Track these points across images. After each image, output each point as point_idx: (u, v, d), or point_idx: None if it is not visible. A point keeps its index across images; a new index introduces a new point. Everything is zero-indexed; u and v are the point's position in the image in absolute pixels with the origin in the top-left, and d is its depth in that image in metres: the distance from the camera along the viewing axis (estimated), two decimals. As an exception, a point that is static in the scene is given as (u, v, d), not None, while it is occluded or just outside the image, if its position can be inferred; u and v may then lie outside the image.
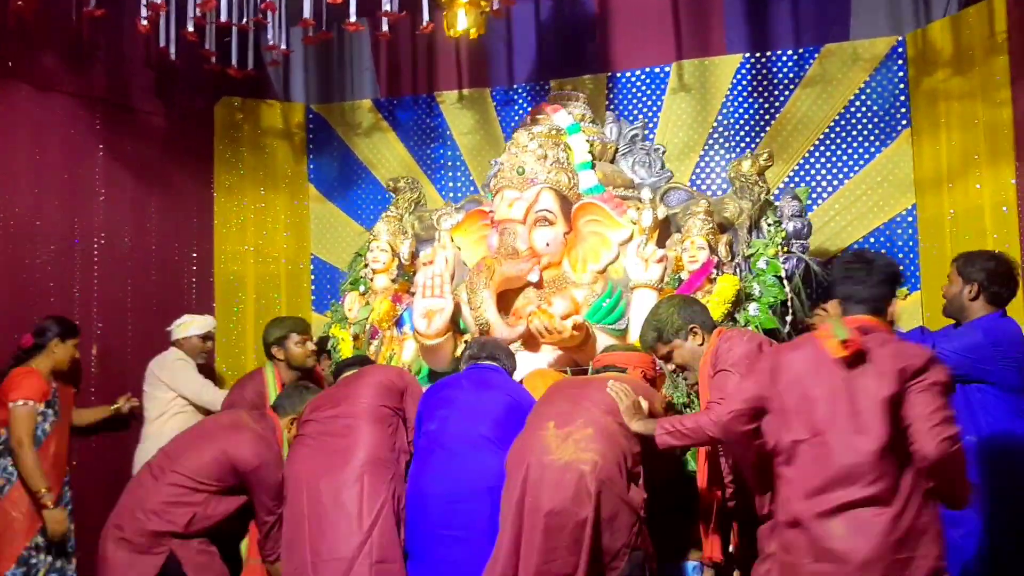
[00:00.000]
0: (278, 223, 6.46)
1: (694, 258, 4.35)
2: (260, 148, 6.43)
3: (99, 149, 5.35)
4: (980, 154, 4.97)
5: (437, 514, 3.37)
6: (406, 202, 5.40)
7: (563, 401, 3.39)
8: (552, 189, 4.54)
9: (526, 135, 4.65)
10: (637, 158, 5.10)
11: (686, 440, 3.00)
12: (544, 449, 3.15)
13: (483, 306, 4.24)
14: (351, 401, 3.69)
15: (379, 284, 5.05)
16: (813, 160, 5.59)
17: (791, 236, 4.42)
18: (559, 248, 4.54)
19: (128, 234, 5.51)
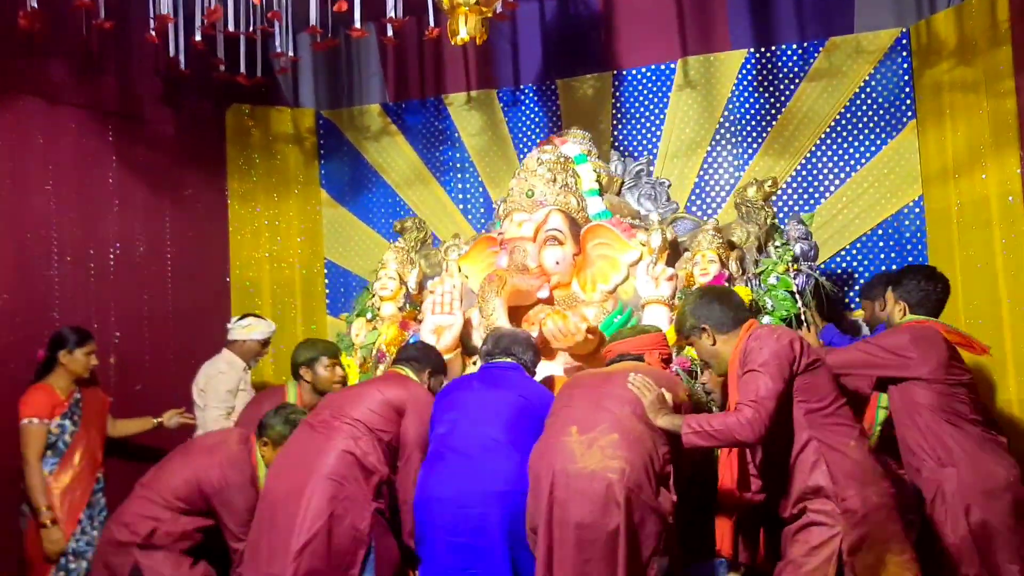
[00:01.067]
0: (291, 229, 6.54)
1: (705, 271, 4.35)
2: (271, 154, 6.51)
3: (112, 160, 5.42)
4: (985, 144, 4.97)
5: (446, 520, 3.30)
6: (412, 241, 5.46)
7: (584, 402, 3.28)
8: (561, 211, 4.58)
9: (535, 160, 4.71)
10: (643, 191, 5.15)
11: (713, 441, 2.93)
12: (569, 457, 3.07)
13: (495, 314, 4.23)
14: (346, 408, 3.60)
15: (386, 311, 5.08)
16: (819, 154, 5.60)
17: (799, 257, 4.45)
18: (568, 268, 4.55)
19: (143, 243, 5.58)
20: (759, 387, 2.88)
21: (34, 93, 5.00)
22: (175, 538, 3.68)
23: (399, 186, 6.49)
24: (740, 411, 2.86)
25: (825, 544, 2.78)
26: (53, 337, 4.40)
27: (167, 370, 5.46)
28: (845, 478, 2.81)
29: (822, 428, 2.90)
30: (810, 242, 4.53)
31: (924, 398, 3.34)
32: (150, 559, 3.62)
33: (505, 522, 3.22)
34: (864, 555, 2.76)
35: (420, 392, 3.71)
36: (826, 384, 2.99)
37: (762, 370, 2.90)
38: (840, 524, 2.77)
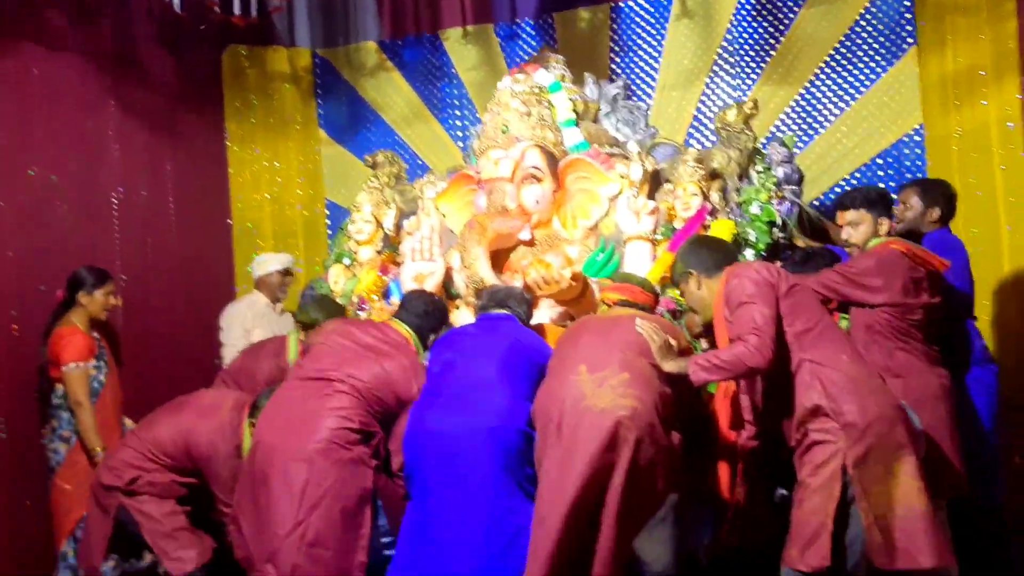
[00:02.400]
0: (291, 169, 6.56)
1: (687, 205, 4.26)
2: (268, 95, 6.49)
3: (110, 105, 5.40)
4: (986, 70, 4.93)
5: (438, 454, 3.23)
6: (386, 176, 5.30)
7: (593, 343, 3.26)
8: (538, 146, 4.46)
9: (508, 94, 4.55)
10: (620, 117, 5.00)
11: (723, 373, 2.92)
12: (579, 395, 3.05)
13: (476, 263, 4.18)
14: (345, 367, 3.47)
15: (364, 256, 4.96)
16: (819, 83, 5.57)
17: (781, 182, 4.37)
18: (548, 206, 4.47)
19: (145, 187, 5.58)
20: (754, 317, 2.90)
21: (32, 40, 4.96)
22: (158, 488, 3.69)
23: (397, 124, 6.47)
24: (745, 340, 2.88)
25: (828, 461, 2.80)
26: (71, 277, 4.39)
27: (174, 312, 5.52)
28: (841, 393, 2.83)
29: (812, 348, 2.92)
30: (793, 165, 4.46)
31: (882, 320, 3.43)
32: (135, 501, 3.66)
33: (498, 456, 3.18)
34: (871, 467, 2.77)
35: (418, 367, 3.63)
36: (811, 305, 3.03)
37: (751, 300, 2.93)
38: (841, 440, 2.79)
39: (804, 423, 2.89)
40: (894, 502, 2.76)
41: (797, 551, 2.80)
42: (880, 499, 2.76)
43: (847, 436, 2.79)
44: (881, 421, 2.81)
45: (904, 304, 3.41)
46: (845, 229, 3.63)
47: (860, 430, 2.79)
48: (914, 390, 3.27)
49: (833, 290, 3.49)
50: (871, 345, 3.40)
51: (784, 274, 3.06)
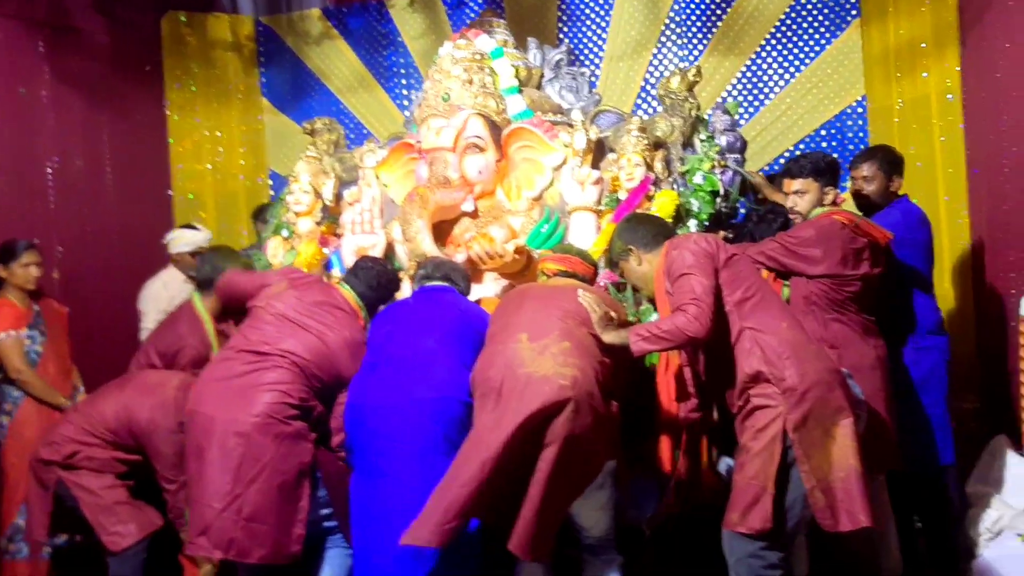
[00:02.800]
0: (234, 139, 6.44)
1: (631, 176, 4.19)
2: (210, 63, 6.36)
3: (45, 72, 5.26)
4: (927, 42, 5.00)
5: (379, 426, 3.21)
6: (325, 144, 5.14)
7: (534, 311, 3.24)
8: (480, 115, 4.35)
9: (449, 60, 4.44)
10: (564, 83, 4.88)
11: (663, 343, 2.94)
12: (519, 362, 3.02)
13: (419, 236, 4.12)
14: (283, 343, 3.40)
15: (303, 228, 4.80)
16: (764, 54, 5.60)
17: (724, 150, 4.33)
18: (491, 176, 4.38)
19: (81, 157, 5.47)
20: (693, 287, 2.93)
21: (-41, 3, 4.81)
22: (97, 463, 3.62)
23: (342, 93, 6.37)
24: (684, 310, 2.90)
25: (769, 425, 2.84)
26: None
27: (113, 283, 5.41)
28: (780, 359, 2.86)
29: (752, 316, 2.95)
30: (736, 133, 4.41)
31: (819, 291, 3.48)
32: (72, 475, 3.59)
33: (440, 427, 3.17)
34: (811, 431, 2.81)
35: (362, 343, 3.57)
36: (750, 274, 3.07)
37: (690, 271, 2.95)
38: (782, 404, 2.82)
39: (746, 389, 2.92)
40: (833, 464, 2.81)
41: (738, 514, 2.84)
42: (821, 462, 2.81)
43: (787, 400, 2.82)
44: (819, 385, 2.84)
45: (842, 275, 3.45)
46: (791, 197, 3.67)
47: (799, 394, 2.82)
48: (847, 361, 3.31)
49: (773, 259, 3.53)
50: (807, 316, 3.45)
51: (723, 245, 3.08)
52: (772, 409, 2.84)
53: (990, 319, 4.53)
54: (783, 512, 2.84)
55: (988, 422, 4.28)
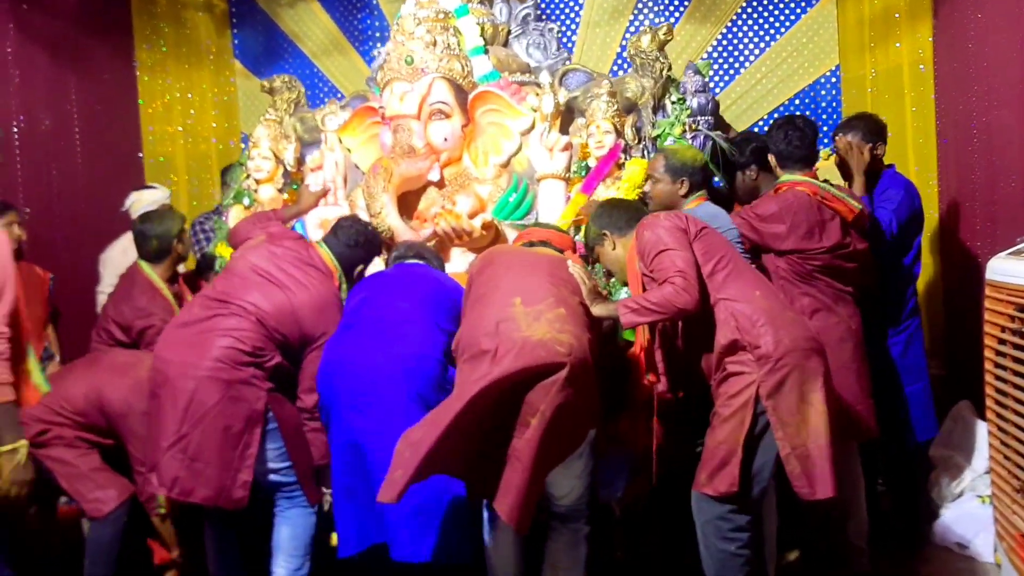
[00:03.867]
0: (205, 102, 6.35)
1: (600, 143, 4.15)
2: (181, 23, 6.24)
3: (9, 28, 5.12)
4: (901, 12, 5.03)
5: (356, 383, 3.19)
6: (285, 103, 4.96)
7: (524, 274, 3.17)
8: (445, 79, 4.25)
9: (412, 21, 4.31)
10: (531, 40, 4.79)
11: (653, 315, 2.90)
12: (514, 326, 2.92)
13: (384, 211, 4.05)
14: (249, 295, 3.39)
15: (264, 195, 4.64)
16: (740, 23, 5.61)
17: (696, 113, 4.26)
18: (458, 142, 4.30)
19: (48, 116, 5.34)
20: (674, 261, 2.93)
21: (-84, -45, 4.68)
22: (66, 442, 3.53)
23: (316, 56, 6.30)
24: (672, 282, 2.89)
25: (742, 392, 2.85)
26: None
27: (81, 246, 5.34)
28: (754, 326, 2.88)
29: (726, 287, 2.97)
30: (707, 95, 4.33)
31: (783, 266, 3.50)
32: (43, 451, 3.47)
33: (415, 385, 3.16)
34: (785, 396, 2.82)
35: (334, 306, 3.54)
36: (720, 245, 3.08)
37: (667, 247, 2.96)
38: (756, 371, 2.84)
39: (722, 359, 2.94)
40: (811, 430, 2.83)
41: (706, 476, 2.88)
42: (798, 428, 2.83)
43: (761, 367, 2.84)
44: (795, 352, 2.86)
45: (808, 250, 3.44)
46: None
47: (774, 360, 2.83)
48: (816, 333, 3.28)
49: (740, 235, 3.52)
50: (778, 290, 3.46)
51: (692, 219, 3.10)
52: (746, 376, 2.86)
53: (958, 287, 4.60)
54: (751, 477, 2.87)
55: (954, 389, 4.34)
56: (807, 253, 3.45)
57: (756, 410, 2.84)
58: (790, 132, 3.59)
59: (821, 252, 3.45)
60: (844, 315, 3.49)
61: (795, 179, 3.56)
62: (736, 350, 2.90)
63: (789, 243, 3.45)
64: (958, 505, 3.88)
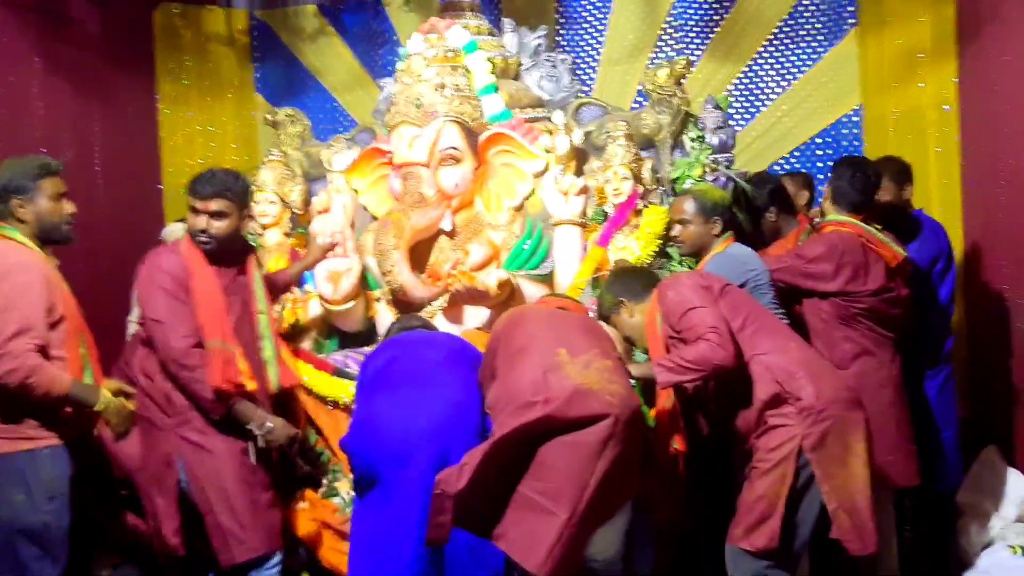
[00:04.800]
0: (227, 135, 6.36)
1: (618, 191, 4.00)
2: (203, 57, 6.28)
3: (35, 60, 5.17)
4: (924, 52, 5.01)
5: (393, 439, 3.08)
6: (290, 138, 4.81)
7: (561, 328, 3.05)
8: (455, 122, 4.11)
9: (420, 61, 4.18)
10: (543, 72, 4.64)
11: (691, 374, 2.82)
12: (564, 376, 2.78)
13: (395, 269, 3.97)
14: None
15: (271, 240, 4.45)
16: (762, 61, 5.60)
17: (716, 151, 4.14)
18: (469, 186, 4.17)
19: (70, 148, 5.35)
20: (704, 318, 2.87)
21: (-54, -11, 4.73)
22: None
23: (337, 90, 6.31)
24: (706, 339, 2.81)
25: (782, 445, 2.79)
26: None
27: (101, 279, 5.31)
28: (793, 379, 2.82)
29: (757, 342, 2.91)
30: (728, 131, 4.21)
31: (827, 310, 3.45)
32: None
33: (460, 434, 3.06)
34: (829, 449, 2.77)
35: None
36: (744, 302, 3.05)
37: (695, 305, 2.91)
38: (799, 424, 2.78)
39: (762, 413, 2.87)
40: (856, 484, 2.77)
41: (742, 530, 2.82)
42: (844, 481, 2.77)
43: (804, 420, 2.79)
44: (837, 403, 2.82)
45: (854, 292, 3.41)
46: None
47: (816, 412, 2.79)
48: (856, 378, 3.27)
49: (784, 281, 3.46)
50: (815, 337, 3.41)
51: (713, 277, 3.08)
52: (788, 428, 2.81)
53: (983, 331, 4.53)
54: (791, 532, 2.80)
55: (978, 433, 4.27)
56: (852, 296, 3.41)
57: (798, 463, 2.78)
58: (857, 175, 3.57)
59: (866, 295, 3.41)
60: (885, 360, 3.45)
61: (842, 219, 3.54)
62: (779, 403, 2.84)
63: (836, 284, 3.41)
64: (989, 555, 3.78)
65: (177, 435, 3.24)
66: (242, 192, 3.40)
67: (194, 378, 3.15)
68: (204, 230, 3.31)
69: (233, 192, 3.34)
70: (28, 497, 3.04)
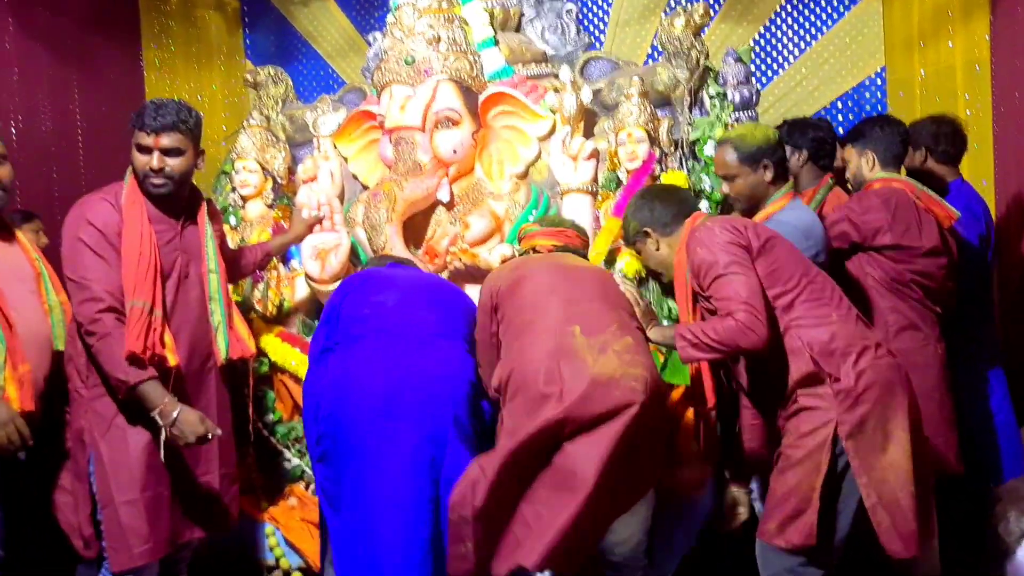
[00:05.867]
0: (215, 103, 6.12)
1: (633, 155, 3.69)
2: (191, 22, 6.03)
3: (8, 23, 4.91)
4: (954, 10, 4.75)
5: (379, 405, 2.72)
6: (271, 99, 4.54)
7: (576, 296, 2.77)
8: (452, 80, 3.81)
9: (411, 13, 3.85)
10: (547, 23, 4.31)
11: (713, 353, 2.57)
12: (581, 362, 2.57)
13: (388, 244, 3.66)
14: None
15: (253, 212, 4.16)
16: (779, 21, 5.36)
17: (739, 108, 3.81)
18: (468, 152, 3.86)
19: (49, 117, 5.11)
20: (737, 290, 2.55)
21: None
22: None
23: (331, 56, 6.08)
24: (735, 317, 2.52)
25: (816, 431, 2.52)
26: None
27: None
28: (830, 355, 2.54)
29: (795, 309, 2.61)
30: (751, 87, 3.85)
31: (882, 270, 3.22)
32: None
33: (450, 407, 2.73)
34: (869, 435, 2.49)
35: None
36: (789, 262, 2.68)
37: (727, 271, 2.57)
38: (834, 408, 2.50)
39: (794, 391, 2.60)
40: (898, 476, 2.49)
41: (776, 524, 2.55)
42: (883, 474, 2.49)
43: (840, 403, 2.51)
44: (875, 386, 2.52)
45: (909, 247, 3.17)
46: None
47: (855, 396, 2.51)
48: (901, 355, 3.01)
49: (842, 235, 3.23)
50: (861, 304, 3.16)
51: (752, 227, 2.71)
52: (821, 412, 2.53)
53: (1018, 300, 4.29)
54: (829, 526, 2.53)
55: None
56: (906, 251, 3.17)
57: (835, 451, 2.50)
58: (892, 129, 3.40)
59: (921, 254, 3.17)
60: (932, 337, 3.21)
61: (890, 176, 3.33)
62: (814, 383, 2.55)
63: (889, 237, 3.17)
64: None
65: (92, 409, 2.85)
66: (195, 125, 2.98)
67: (99, 348, 2.75)
68: (159, 169, 2.92)
69: (187, 124, 2.94)
70: None
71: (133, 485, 2.79)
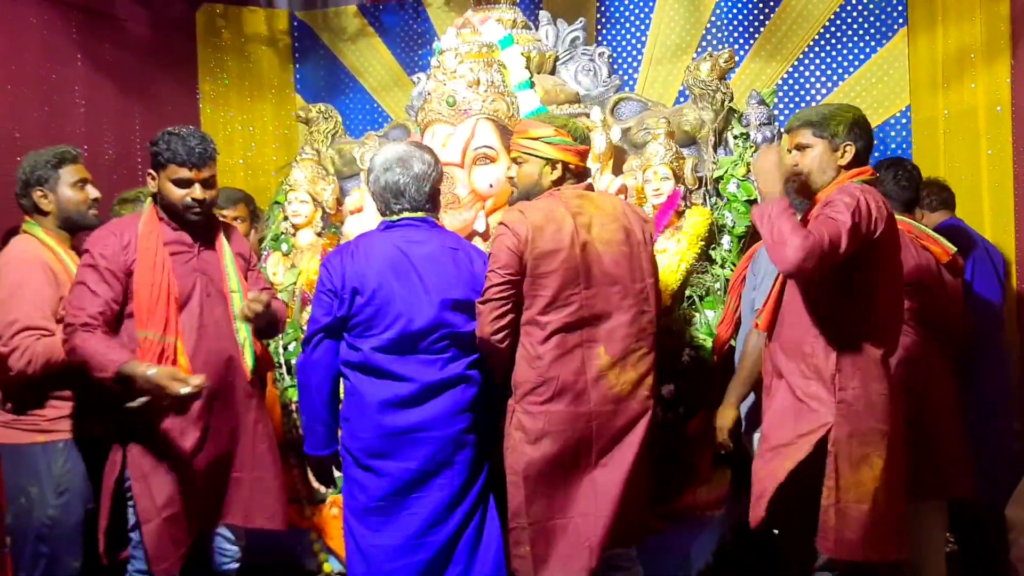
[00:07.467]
0: (266, 135, 6.40)
1: (659, 191, 3.87)
2: (244, 57, 6.32)
3: (77, 58, 5.22)
4: (976, 52, 4.85)
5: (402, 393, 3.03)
6: (322, 135, 4.77)
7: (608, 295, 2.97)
8: (490, 120, 3.98)
9: (453, 58, 4.06)
10: (580, 65, 4.50)
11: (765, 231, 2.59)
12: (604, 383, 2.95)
13: None
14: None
15: (303, 240, 4.42)
16: (807, 61, 5.48)
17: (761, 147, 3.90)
18: (503, 186, 3.90)
19: (112, 146, 5.42)
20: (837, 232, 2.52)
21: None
22: None
23: (376, 91, 6.32)
24: (806, 237, 2.48)
25: (812, 432, 2.70)
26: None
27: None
28: (852, 369, 2.70)
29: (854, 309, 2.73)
30: (773, 127, 4.01)
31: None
32: None
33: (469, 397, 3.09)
34: (851, 448, 2.67)
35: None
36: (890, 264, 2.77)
37: (847, 220, 2.54)
38: (832, 415, 2.68)
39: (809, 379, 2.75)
40: (860, 492, 2.68)
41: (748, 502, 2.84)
42: (849, 484, 2.68)
43: (838, 412, 2.69)
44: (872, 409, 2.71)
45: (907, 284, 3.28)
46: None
47: (853, 411, 2.69)
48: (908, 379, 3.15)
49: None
50: None
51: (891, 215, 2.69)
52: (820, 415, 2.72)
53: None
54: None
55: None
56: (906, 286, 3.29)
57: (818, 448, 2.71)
58: (899, 173, 3.55)
59: (916, 290, 3.28)
60: (935, 365, 3.32)
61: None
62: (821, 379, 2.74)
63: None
64: (1040, 572, 3.63)
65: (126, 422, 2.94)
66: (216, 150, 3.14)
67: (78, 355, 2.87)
68: (201, 200, 3.02)
69: (215, 151, 3.10)
70: (40, 491, 3.03)
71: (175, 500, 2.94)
